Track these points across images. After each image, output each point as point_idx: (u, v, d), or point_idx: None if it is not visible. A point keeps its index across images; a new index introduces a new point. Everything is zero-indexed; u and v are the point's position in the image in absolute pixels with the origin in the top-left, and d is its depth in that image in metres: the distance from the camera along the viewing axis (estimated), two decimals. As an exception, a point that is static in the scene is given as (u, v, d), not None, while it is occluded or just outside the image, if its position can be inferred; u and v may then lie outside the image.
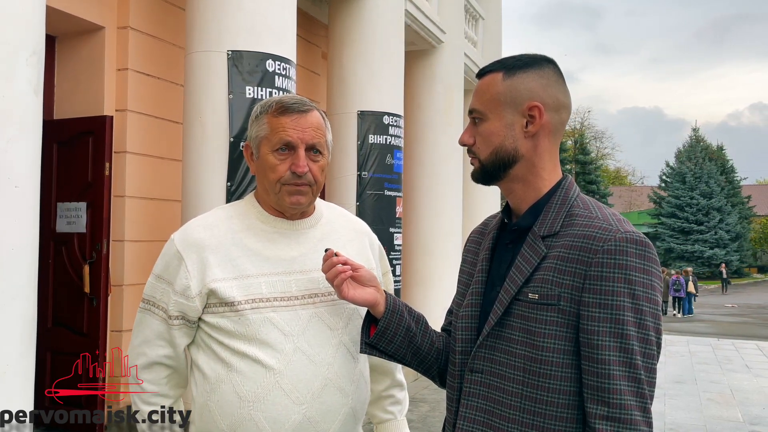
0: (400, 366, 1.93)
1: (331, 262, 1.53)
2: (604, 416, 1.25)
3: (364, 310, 1.65)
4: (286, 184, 1.60)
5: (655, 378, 1.28)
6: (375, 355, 1.57)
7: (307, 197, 1.63)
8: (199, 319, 1.63)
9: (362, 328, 1.59)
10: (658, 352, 1.29)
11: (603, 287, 1.27)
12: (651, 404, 1.27)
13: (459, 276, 1.60)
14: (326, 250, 1.55)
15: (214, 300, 1.59)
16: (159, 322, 1.65)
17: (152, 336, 1.67)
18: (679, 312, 21.27)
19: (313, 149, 1.62)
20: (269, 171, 1.61)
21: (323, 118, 1.68)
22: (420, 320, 1.60)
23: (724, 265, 32.41)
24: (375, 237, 1.88)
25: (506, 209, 1.51)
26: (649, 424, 1.26)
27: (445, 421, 1.55)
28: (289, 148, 1.60)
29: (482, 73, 1.46)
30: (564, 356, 1.30)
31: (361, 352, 1.58)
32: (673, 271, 24.36)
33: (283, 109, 1.62)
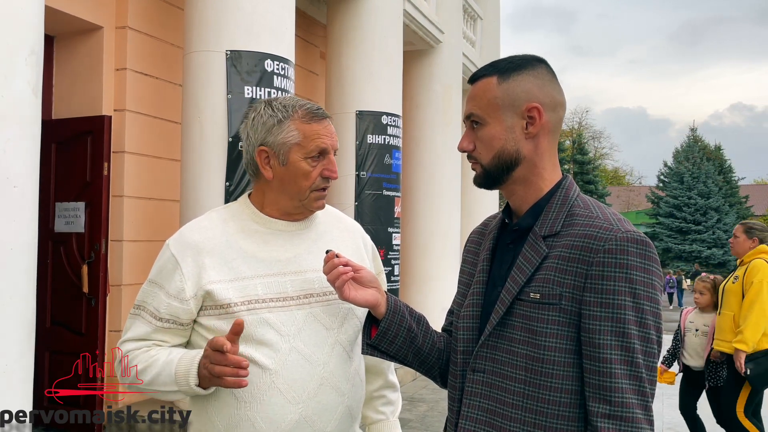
0: (393, 367, 1.93)
1: (332, 263, 1.52)
2: (606, 414, 1.26)
3: (359, 310, 1.66)
4: (315, 190, 1.63)
5: (656, 376, 1.30)
6: (376, 356, 1.56)
7: (325, 200, 1.68)
8: (195, 321, 1.63)
9: (363, 329, 1.59)
10: (659, 351, 1.30)
11: (604, 286, 1.28)
12: (652, 402, 1.28)
13: (459, 276, 1.60)
14: (327, 252, 1.55)
15: (209, 302, 1.59)
16: (146, 326, 1.65)
17: (135, 339, 1.67)
18: (671, 305, 22.95)
19: (335, 153, 1.66)
20: (301, 178, 1.62)
21: None
22: (421, 321, 1.60)
23: (697, 265, 32.33)
24: (368, 237, 1.89)
25: (506, 209, 1.51)
26: (651, 422, 1.26)
27: (446, 420, 1.55)
28: (322, 154, 1.63)
29: (475, 78, 1.45)
30: (566, 355, 1.31)
31: (362, 353, 1.58)
32: (671, 270, 25.61)
33: (312, 115, 1.63)
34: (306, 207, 1.66)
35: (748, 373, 4.38)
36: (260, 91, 4.49)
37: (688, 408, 5.04)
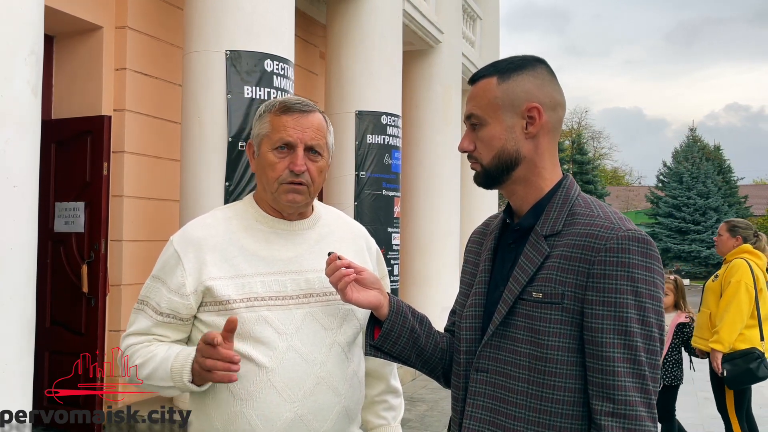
0: (395, 372, 1.93)
1: (334, 265, 1.53)
2: (609, 413, 1.26)
3: (359, 311, 1.66)
4: (283, 183, 1.62)
5: (659, 374, 1.30)
6: (380, 357, 1.56)
7: (303, 196, 1.64)
8: (195, 317, 1.64)
9: (366, 330, 1.59)
10: (661, 348, 1.30)
11: (606, 285, 1.28)
12: (655, 399, 1.28)
13: (461, 276, 1.60)
14: (329, 254, 1.55)
15: (209, 298, 1.60)
16: (147, 320, 1.66)
17: (137, 334, 1.68)
18: None
19: (312, 150, 1.63)
20: (268, 169, 1.63)
21: (325, 120, 1.70)
22: (424, 321, 1.60)
23: (677, 265, 32.12)
24: (372, 240, 1.88)
25: (508, 209, 1.51)
26: (654, 420, 1.27)
27: (450, 420, 1.55)
28: (289, 147, 1.62)
29: (475, 79, 1.46)
30: (569, 354, 1.31)
31: (366, 354, 1.59)
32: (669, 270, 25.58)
33: (285, 108, 1.64)
34: (277, 199, 1.65)
35: (725, 374, 4.39)
36: (260, 91, 4.49)
37: (665, 410, 5.00)
